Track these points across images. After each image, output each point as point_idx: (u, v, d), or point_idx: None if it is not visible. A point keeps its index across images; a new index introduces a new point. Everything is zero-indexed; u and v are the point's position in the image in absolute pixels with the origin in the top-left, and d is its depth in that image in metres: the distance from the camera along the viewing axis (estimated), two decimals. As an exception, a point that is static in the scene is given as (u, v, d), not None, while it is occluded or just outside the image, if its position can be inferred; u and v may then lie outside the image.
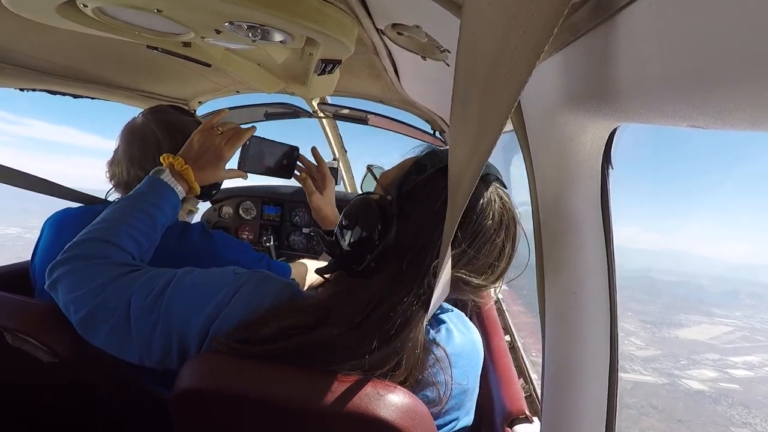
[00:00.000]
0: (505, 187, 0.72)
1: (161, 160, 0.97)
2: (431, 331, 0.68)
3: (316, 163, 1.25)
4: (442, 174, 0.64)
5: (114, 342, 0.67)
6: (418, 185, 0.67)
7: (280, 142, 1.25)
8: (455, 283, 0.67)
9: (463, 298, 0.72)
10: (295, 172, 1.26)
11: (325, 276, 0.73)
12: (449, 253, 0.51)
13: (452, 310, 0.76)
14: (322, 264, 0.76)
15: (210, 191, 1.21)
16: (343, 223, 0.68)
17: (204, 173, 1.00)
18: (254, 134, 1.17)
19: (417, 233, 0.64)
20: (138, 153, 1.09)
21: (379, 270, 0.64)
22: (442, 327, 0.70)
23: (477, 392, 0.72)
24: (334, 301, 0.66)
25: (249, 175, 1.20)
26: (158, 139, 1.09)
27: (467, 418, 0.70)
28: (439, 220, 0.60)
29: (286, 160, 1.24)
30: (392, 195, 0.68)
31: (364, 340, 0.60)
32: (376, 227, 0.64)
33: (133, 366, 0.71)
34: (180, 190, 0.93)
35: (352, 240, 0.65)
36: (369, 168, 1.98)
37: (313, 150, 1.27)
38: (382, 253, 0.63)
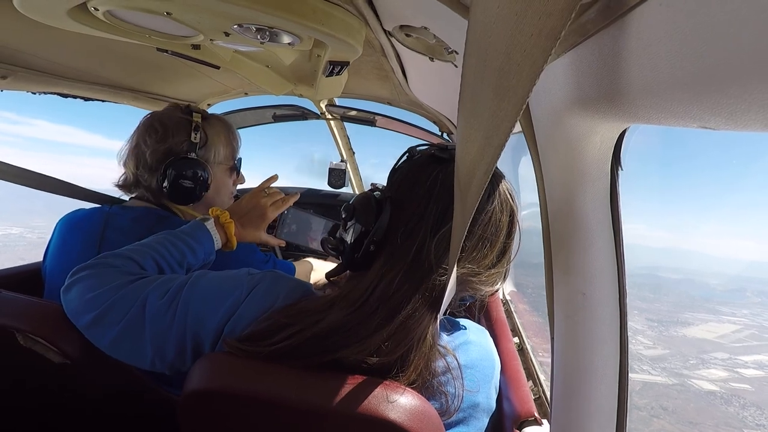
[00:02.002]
0: (503, 177, 0.73)
1: (209, 211, 1.01)
2: (445, 336, 0.68)
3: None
4: (430, 161, 0.69)
5: (125, 346, 0.67)
6: (407, 171, 0.71)
7: (320, 215, 1.24)
8: (464, 278, 0.67)
9: (471, 294, 0.72)
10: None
11: (331, 279, 0.74)
12: (459, 250, 0.51)
13: (473, 324, 0.75)
14: (328, 264, 0.77)
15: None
16: (343, 218, 0.71)
17: (245, 231, 1.06)
18: (292, 207, 1.21)
19: (409, 213, 0.66)
20: (130, 153, 1.14)
21: (378, 255, 0.66)
22: (459, 335, 0.70)
23: (491, 412, 0.70)
24: (339, 296, 0.67)
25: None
26: (145, 137, 1.12)
27: None
28: (430, 197, 0.65)
29: (324, 234, 1.19)
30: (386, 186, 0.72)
31: (366, 320, 0.61)
32: (372, 216, 0.66)
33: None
34: (218, 240, 0.97)
35: (352, 233, 0.68)
36: (373, 185, 2.00)
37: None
38: (379, 238, 0.65)
